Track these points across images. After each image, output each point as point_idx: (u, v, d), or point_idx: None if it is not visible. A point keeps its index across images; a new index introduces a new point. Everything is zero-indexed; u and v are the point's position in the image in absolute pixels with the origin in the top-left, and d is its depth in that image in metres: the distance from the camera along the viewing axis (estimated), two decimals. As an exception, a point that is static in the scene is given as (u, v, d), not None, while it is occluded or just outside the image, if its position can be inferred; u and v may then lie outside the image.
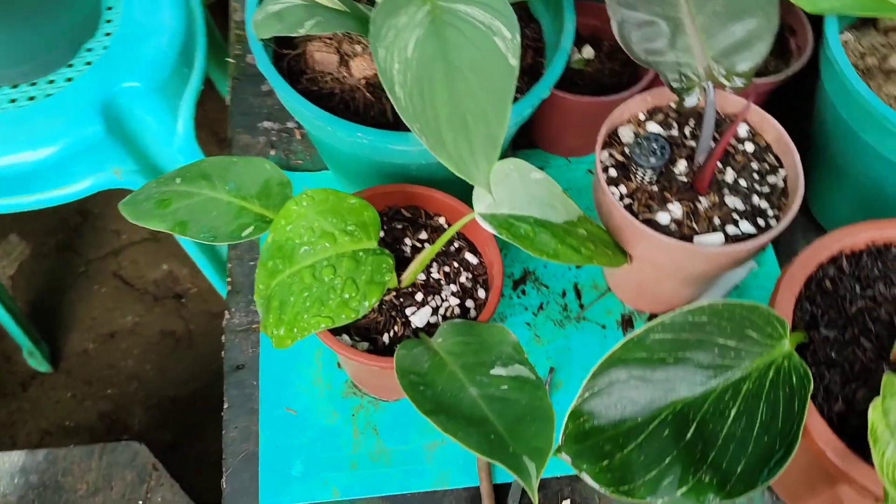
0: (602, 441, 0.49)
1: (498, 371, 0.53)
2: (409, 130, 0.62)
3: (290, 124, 0.82)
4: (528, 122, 0.77)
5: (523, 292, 0.74)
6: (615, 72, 0.79)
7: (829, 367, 0.54)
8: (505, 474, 0.65)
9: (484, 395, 0.52)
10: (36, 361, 1.39)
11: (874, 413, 0.44)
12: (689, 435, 0.48)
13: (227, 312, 0.72)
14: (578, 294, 0.74)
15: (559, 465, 0.66)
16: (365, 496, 0.64)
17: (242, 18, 0.90)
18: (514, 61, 0.48)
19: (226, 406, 0.67)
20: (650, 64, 0.61)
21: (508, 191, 0.57)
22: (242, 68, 0.86)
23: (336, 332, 0.59)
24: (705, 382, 0.49)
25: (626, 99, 0.73)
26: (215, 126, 1.63)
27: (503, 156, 0.60)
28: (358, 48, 0.66)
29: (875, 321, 0.55)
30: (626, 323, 0.73)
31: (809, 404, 0.47)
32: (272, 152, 0.80)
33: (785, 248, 0.78)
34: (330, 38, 0.66)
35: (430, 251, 0.58)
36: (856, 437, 0.52)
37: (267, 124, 0.82)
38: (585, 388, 0.49)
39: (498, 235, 0.54)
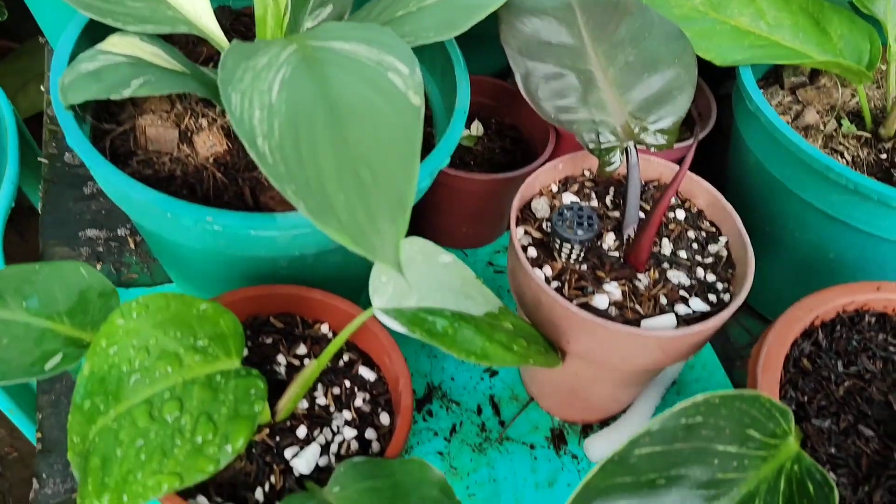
0: None
1: (423, 524, 0.39)
2: (274, 210, 0.50)
3: (121, 231, 0.66)
4: (415, 211, 0.65)
5: (430, 413, 0.60)
6: (506, 150, 0.70)
7: (834, 466, 0.43)
8: None
9: (409, 562, 0.36)
10: None
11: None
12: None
13: (34, 481, 0.52)
14: (496, 409, 0.61)
15: None
16: None
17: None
18: (418, 100, 0.37)
19: None
20: (562, 122, 0.52)
21: (415, 278, 0.44)
22: (58, 169, 0.70)
23: (188, 493, 0.42)
24: (706, 507, 0.36)
25: (524, 175, 0.63)
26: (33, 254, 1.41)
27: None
28: (203, 122, 0.52)
29: (869, 403, 0.46)
30: (558, 438, 0.60)
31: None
32: (98, 266, 0.64)
33: (717, 335, 0.68)
34: (167, 112, 0.52)
35: (312, 368, 0.44)
36: (885, 554, 0.41)
37: (91, 233, 0.65)
38: (554, 536, 0.35)
39: (409, 334, 0.40)
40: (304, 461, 0.44)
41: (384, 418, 0.48)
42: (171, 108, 0.53)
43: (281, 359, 0.49)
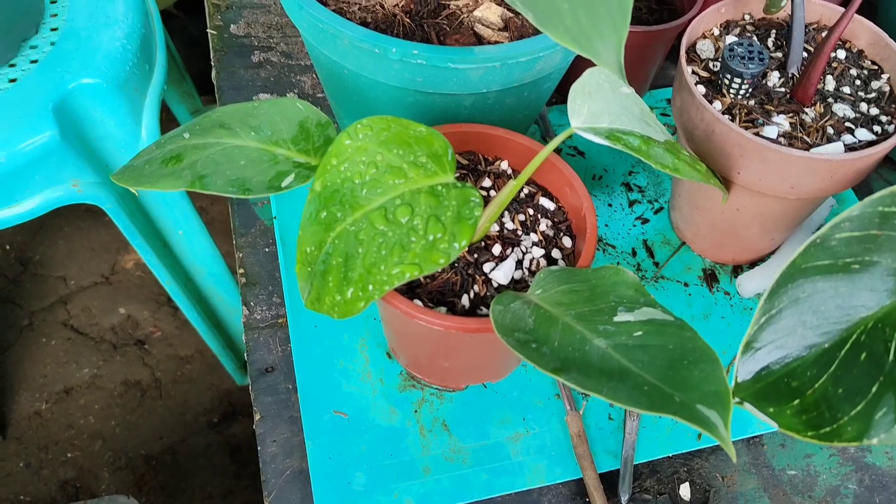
0: (786, 376, 0.39)
1: (623, 317, 0.43)
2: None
3: (290, 95, 0.71)
4: (569, 70, 0.68)
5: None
6: (652, 9, 0.71)
7: None
8: (610, 461, 0.54)
9: (615, 345, 0.41)
10: (-20, 431, 1.21)
11: None
12: (891, 356, 0.38)
13: (245, 308, 0.59)
14: (650, 252, 0.65)
15: (674, 440, 0.55)
16: (447, 506, 0.52)
17: (219, -11, 0.79)
18: (631, -85, 0.39)
19: (257, 418, 0.55)
20: (732, -39, 0.54)
21: (604, 103, 0.47)
22: (226, 40, 0.75)
23: (405, 297, 0.47)
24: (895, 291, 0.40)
25: (674, 29, 0.65)
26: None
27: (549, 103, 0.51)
28: (386, -25, 0.56)
29: None
30: (710, 277, 0.64)
31: None
32: (273, 127, 0.69)
33: (860, 185, 0.70)
34: (353, -36, 0.56)
35: (508, 191, 0.48)
36: None
37: (263, 97, 0.70)
38: (761, 312, 0.39)
39: (609, 145, 0.44)
40: (502, 273, 0.49)
41: (567, 241, 0.52)
42: (356, -38, 0.56)
43: (469, 189, 0.53)
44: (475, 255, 0.50)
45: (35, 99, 0.76)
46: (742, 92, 0.53)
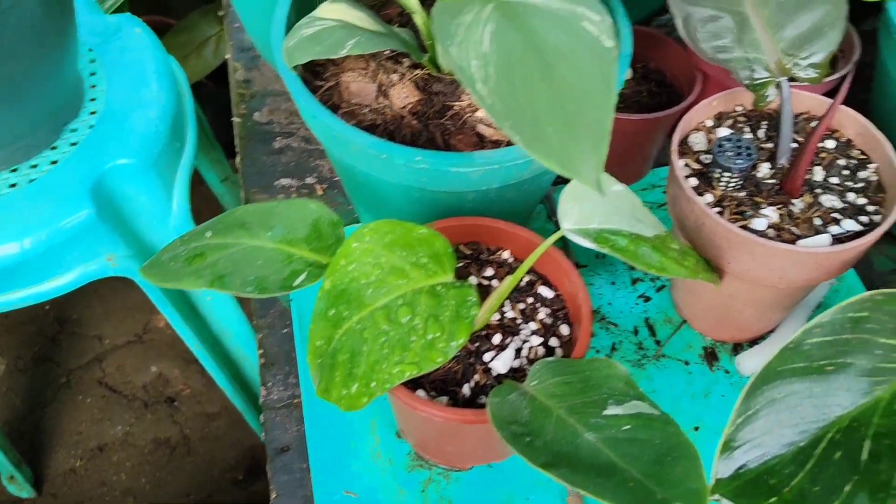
0: (764, 474, 0.41)
1: (613, 410, 0.45)
2: (459, 151, 0.57)
3: (309, 179, 0.75)
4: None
5: (592, 334, 0.67)
6: (653, 93, 0.74)
7: None
8: (610, 540, 0.56)
9: (604, 438, 0.43)
10: (17, 487, 1.25)
11: None
12: (864, 455, 0.40)
13: (263, 388, 0.62)
14: (652, 330, 0.67)
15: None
16: (452, 584, 0.54)
17: (244, 77, 0.84)
18: (610, 42, 0.43)
19: (273, 496, 0.58)
20: (719, 61, 0.57)
21: (593, 205, 0.50)
22: (250, 127, 0.79)
23: (409, 387, 0.50)
24: (869, 392, 0.42)
25: (674, 115, 0.68)
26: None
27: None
28: (394, 77, 0.60)
29: None
30: (710, 356, 0.65)
31: None
32: (293, 210, 0.73)
33: (860, 262, 0.72)
34: (364, 69, 0.60)
35: (507, 285, 0.51)
36: None
37: (285, 181, 0.75)
38: (738, 413, 0.41)
39: (597, 249, 0.47)
40: (501, 362, 0.52)
41: (564, 329, 0.55)
42: (367, 65, 0.61)
43: (472, 280, 0.56)
44: (476, 344, 0.53)
45: (74, 180, 0.80)
46: (732, 185, 0.56)
